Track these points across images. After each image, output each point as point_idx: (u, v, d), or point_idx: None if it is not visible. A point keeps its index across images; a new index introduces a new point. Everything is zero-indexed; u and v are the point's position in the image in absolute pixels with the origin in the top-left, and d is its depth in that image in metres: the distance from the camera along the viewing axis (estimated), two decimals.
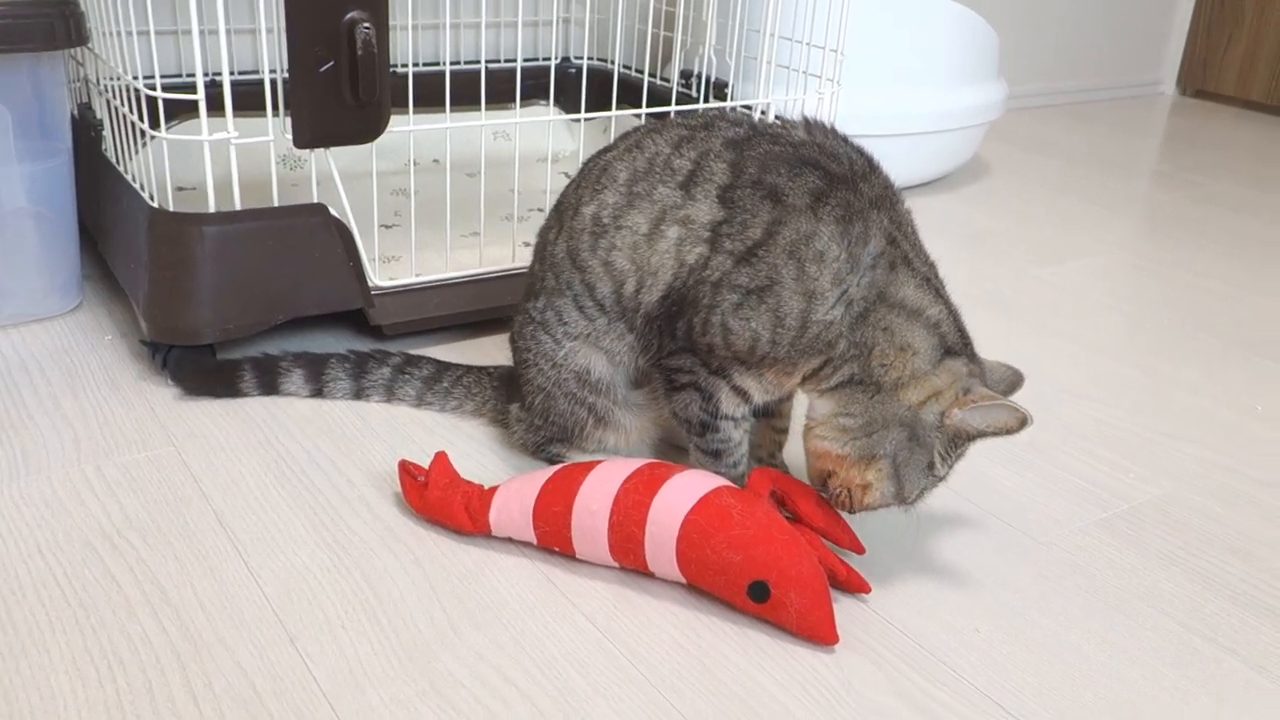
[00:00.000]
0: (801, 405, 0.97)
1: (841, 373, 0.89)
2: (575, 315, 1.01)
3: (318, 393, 1.20)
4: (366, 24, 1.15)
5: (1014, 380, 0.95)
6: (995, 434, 0.87)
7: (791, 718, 0.80)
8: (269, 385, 1.19)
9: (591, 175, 1.02)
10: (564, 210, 1.04)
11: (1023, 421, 0.86)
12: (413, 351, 1.23)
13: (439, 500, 0.97)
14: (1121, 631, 0.92)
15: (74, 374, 1.22)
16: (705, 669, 0.85)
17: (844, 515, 0.96)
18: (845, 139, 0.96)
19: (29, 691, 0.78)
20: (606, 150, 1.03)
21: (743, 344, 0.91)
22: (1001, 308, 1.60)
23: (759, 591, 0.88)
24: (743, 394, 0.96)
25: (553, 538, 0.95)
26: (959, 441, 0.89)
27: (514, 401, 1.11)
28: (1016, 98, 2.90)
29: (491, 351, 1.33)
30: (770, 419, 1.08)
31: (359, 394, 1.20)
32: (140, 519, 0.98)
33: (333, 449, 1.11)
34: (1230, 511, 1.12)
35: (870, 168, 0.93)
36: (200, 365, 1.19)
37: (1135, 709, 0.84)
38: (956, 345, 0.89)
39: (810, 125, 0.96)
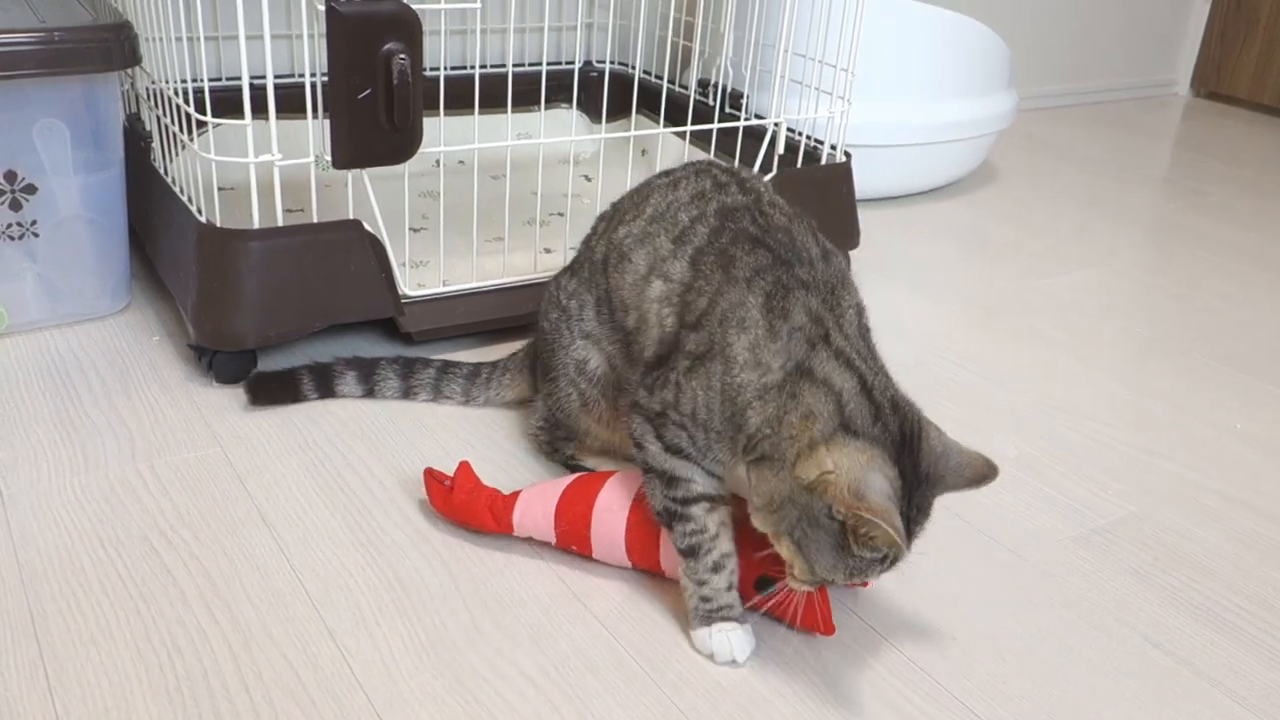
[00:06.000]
0: None
1: (760, 448, 0.87)
2: (591, 314, 1.10)
3: (369, 393, 1.29)
4: (402, 55, 1.22)
5: (982, 472, 0.88)
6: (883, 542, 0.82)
7: (781, 716, 0.89)
8: (326, 389, 1.29)
9: (642, 193, 1.11)
10: (617, 214, 1.13)
11: (899, 551, 0.82)
12: (439, 356, 1.32)
13: (464, 503, 1.06)
14: (1088, 643, 1.00)
15: (125, 374, 1.31)
16: (703, 669, 0.93)
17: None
18: (818, 239, 1.00)
19: (99, 677, 0.87)
20: (667, 174, 1.12)
21: (687, 408, 0.92)
22: (999, 317, 1.67)
23: (764, 585, 0.97)
24: (699, 471, 0.95)
25: (572, 538, 1.04)
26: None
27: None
28: (1030, 99, 2.95)
29: None
30: None
31: (407, 393, 1.29)
32: (192, 516, 1.07)
33: (366, 452, 1.20)
34: (1200, 529, 1.19)
35: (824, 259, 0.97)
36: (266, 379, 1.28)
37: (1096, 717, 0.92)
38: (862, 426, 0.84)
39: (795, 218, 1.02)
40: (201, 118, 1.27)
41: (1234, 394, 1.50)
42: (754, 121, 1.67)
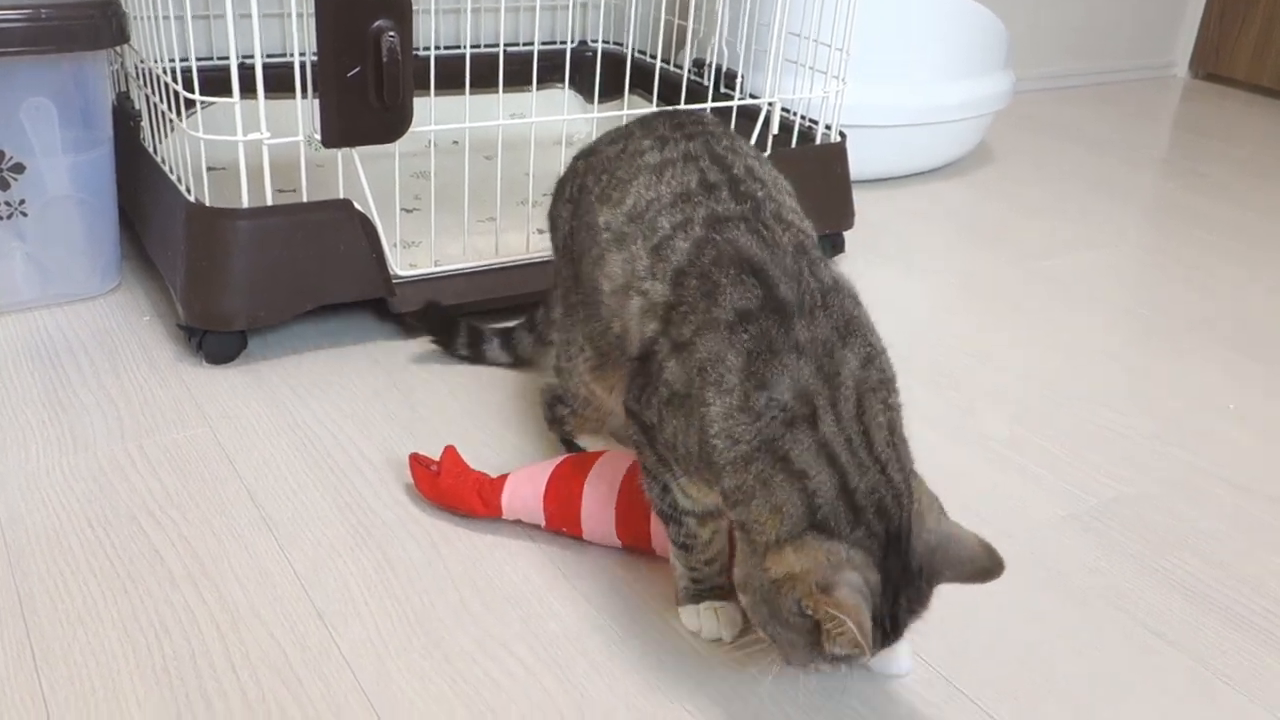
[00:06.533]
0: None
1: (737, 512, 0.81)
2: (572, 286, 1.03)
3: (515, 361, 1.34)
4: (392, 33, 1.22)
5: (984, 567, 0.80)
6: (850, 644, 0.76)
7: (765, 694, 0.89)
8: (476, 352, 1.34)
9: (624, 167, 0.98)
10: (592, 173, 1.02)
11: (862, 652, 0.75)
12: (429, 337, 1.32)
13: (451, 488, 1.06)
14: (1078, 624, 1.00)
15: (115, 353, 1.31)
16: (691, 649, 0.93)
17: None
18: (824, 263, 0.88)
19: (86, 657, 0.87)
20: (655, 141, 0.99)
21: (667, 439, 0.86)
22: (994, 298, 1.67)
23: None
24: (686, 493, 0.89)
25: (562, 519, 1.04)
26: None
27: None
28: (1028, 80, 2.94)
29: None
30: None
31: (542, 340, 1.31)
32: (180, 496, 1.07)
33: (355, 432, 1.19)
34: (1193, 510, 1.19)
35: (823, 302, 0.82)
36: (434, 313, 1.32)
37: (1082, 697, 0.92)
38: (837, 529, 0.76)
39: (798, 237, 0.89)
40: (190, 97, 1.26)
41: (1229, 375, 1.50)
42: (748, 101, 1.66)
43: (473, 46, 1.97)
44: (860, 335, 0.83)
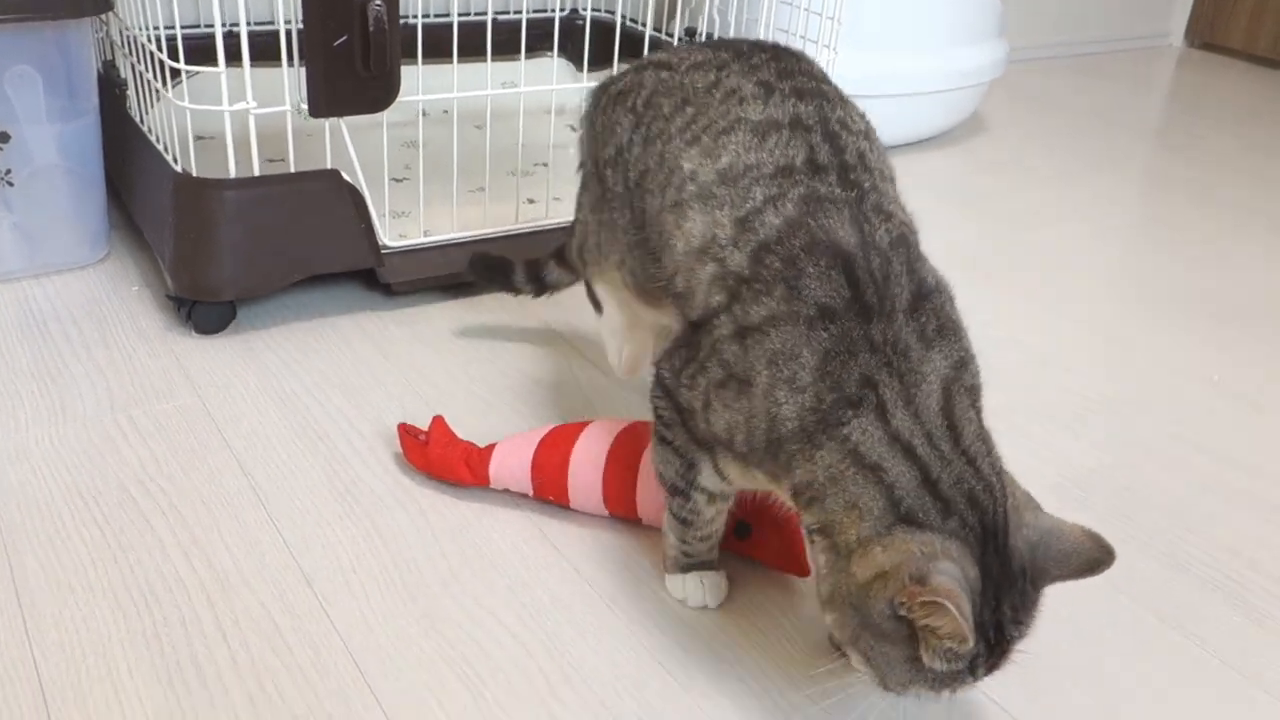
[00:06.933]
0: None
1: (811, 513, 0.77)
2: (624, 222, 0.99)
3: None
4: (379, 1, 1.21)
5: (1094, 559, 0.76)
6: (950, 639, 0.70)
7: (749, 660, 0.90)
8: (538, 282, 1.30)
9: (713, 110, 0.90)
10: (669, 99, 0.95)
11: (963, 639, 0.68)
12: (418, 308, 1.32)
13: (440, 457, 1.06)
14: (1053, 590, 1.01)
15: (104, 324, 1.31)
16: (677, 615, 0.95)
17: None
18: (925, 260, 0.83)
19: (77, 624, 0.88)
20: (748, 82, 0.91)
21: (720, 429, 0.82)
22: (985, 270, 1.67)
23: (742, 529, 0.99)
24: (724, 477, 0.86)
25: (549, 488, 1.04)
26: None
27: None
28: (1023, 49, 2.92)
29: (493, 307, 1.42)
30: None
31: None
32: (170, 466, 1.08)
33: (344, 402, 1.20)
34: (1172, 478, 1.20)
35: (912, 305, 0.78)
36: (482, 264, 1.32)
37: (1053, 659, 0.93)
38: (921, 515, 0.72)
39: (902, 234, 0.83)
40: (176, 66, 1.25)
41: (1214, 345, 1.51)
42: None
43: (461, 15, 1.96)
44: (953, 339, 0.79)
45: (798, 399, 0.76)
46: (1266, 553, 1.09)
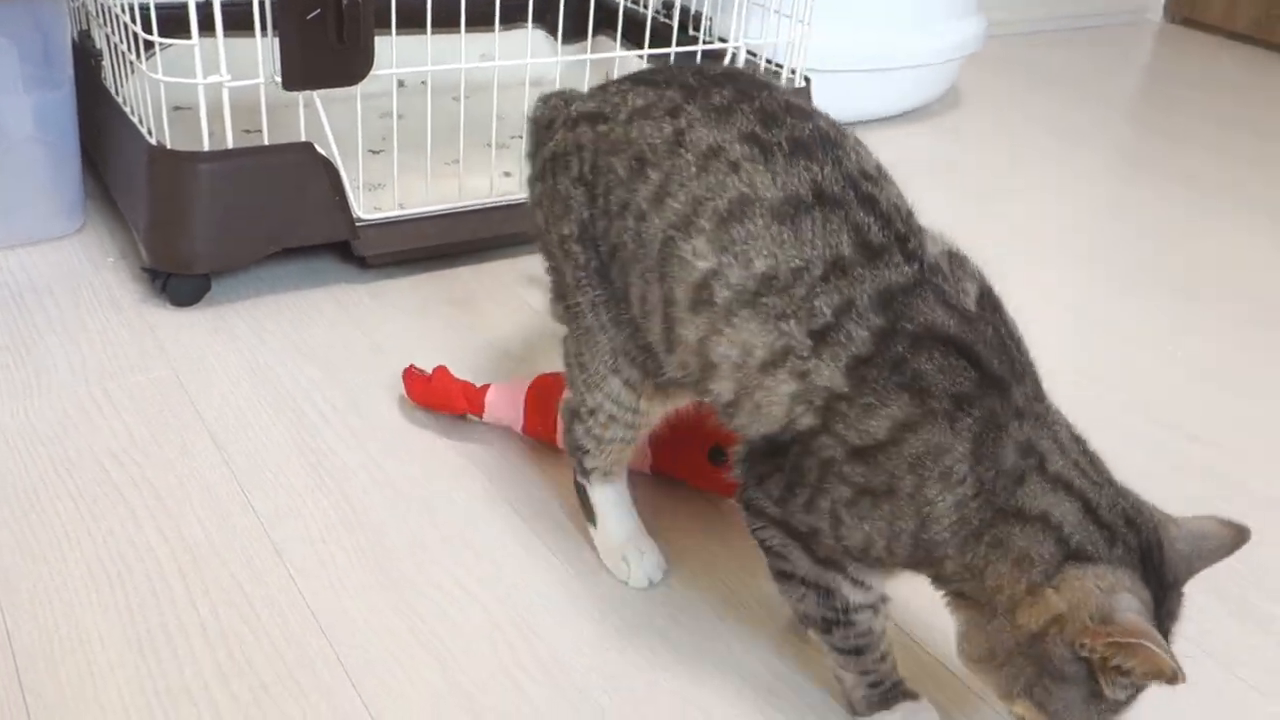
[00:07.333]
0: None
1: (966, 586, 0.74)
2: (605, 318, 0.89)
3: None
4: None
5: (1235, 539, 0.74)
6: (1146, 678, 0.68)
7: (726, 633, 0.93)
8: None
9: (703, 181, 0.79)
10: (621, 161, 0.84)
11: (1172, 675, 0.65)
12: (392, 280, 1.33)
13: (439, 389, 1.13)
14: None
15: (79, 296, 1.32)
16: (642, 592, 0.97)
17: None
18: (1010, 319, 0.80)
19: (50, 595, 0.90)
20: (726, 134, 0.80)
21: (856, 542, 0.76)
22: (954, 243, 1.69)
23: (717, 454, 1.01)
24: (864, 586, 0.81)
25: (540, 428, 1.09)
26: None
27: None
28: (1002, 24, 2.93)
29: (468, 279, 1.43)
30: None
31: None
32: (143, 438, 1.09)
33: (318, 374, 1.21)
34: (1129, 449, 1.22)
35: (1019, 350, 0.78)
36: None
37: None
38: (1095, 551, 0.70)
39: (983, 291, 0.80)
40: (149, 38, 1.25)
41: (1177, 320, 1.53)
42: (712, 46, 1.66)
43: None
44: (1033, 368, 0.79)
45: (958, 491, 0.72)
46: None
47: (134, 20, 1.29)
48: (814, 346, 0.74)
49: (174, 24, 1.26)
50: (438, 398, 1.14)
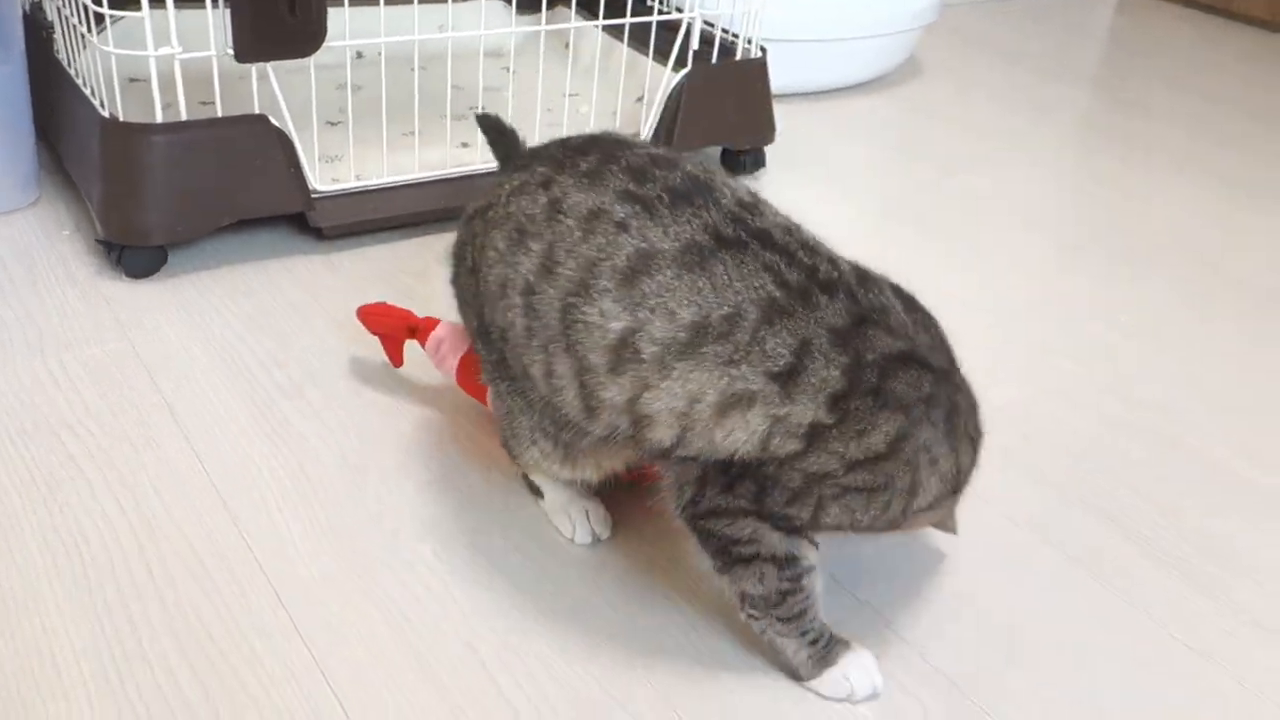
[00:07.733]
0: None
1: None
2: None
3: None
4: None
5: None
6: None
7: (649, 584, 0.95)
8: None
9: (604, 249, 0.81)
10: (493, 240, 0.88)
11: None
12: (349, 251, 1.33)
13: (388, 310, 1.15)
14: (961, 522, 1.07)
15: (34, 268, 1.32)
16: (593, 561, 0.99)
17: None
18: (925, 309, 0.88)
19: (7, 566, 0.91)
20: (615, 198, 0.82)
21: (835, 522, 0.83)
22: (910, 216, 1.71)
23: None
24: (815, 545, 0.87)
25: (471, 388, 1.10)
26: None
27: None
28: None
29: (422, 252, 1.44)
30: None
31: None
32: (100, 410, 1.10)
33: (275, 345, 1.22)
34: (1074, 416, 1.26)
35: (949, 346, 0.87)
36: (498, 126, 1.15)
37: (958, 600, 0.99)
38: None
39: (902, 298, 0.87)
40: (100, 11, 1.25)
41: (1127, 289, 1.56)
42: (667, 16, 1.67)
43: None
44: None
45: (943, 466, 0.83)
46: (1162, 487, 1.15)
47: None
48: (783, 391, 0.77)
49: None
50: (388, 319, 1.14)
